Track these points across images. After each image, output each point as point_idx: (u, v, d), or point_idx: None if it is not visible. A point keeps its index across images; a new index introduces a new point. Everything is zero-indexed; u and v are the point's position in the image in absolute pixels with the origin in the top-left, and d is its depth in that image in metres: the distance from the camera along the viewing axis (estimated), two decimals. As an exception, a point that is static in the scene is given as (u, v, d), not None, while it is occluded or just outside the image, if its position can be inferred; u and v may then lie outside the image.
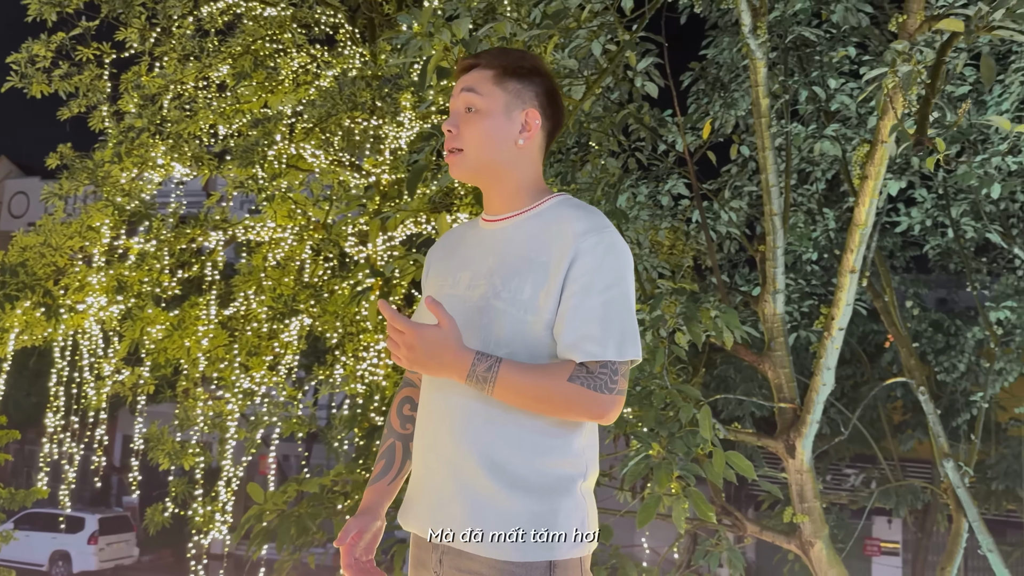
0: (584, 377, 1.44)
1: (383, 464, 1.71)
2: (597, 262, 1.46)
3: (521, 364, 1.45)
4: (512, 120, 1.57)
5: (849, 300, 3.59)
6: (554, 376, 1.44)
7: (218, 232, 6.93)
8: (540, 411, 1.46)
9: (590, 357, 1.44)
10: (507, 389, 1.43)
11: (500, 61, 1.60)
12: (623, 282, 1.49)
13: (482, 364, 1.43)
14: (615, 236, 1.50)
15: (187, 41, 7.02)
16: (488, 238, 1.61)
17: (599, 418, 1.47)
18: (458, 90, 1.61)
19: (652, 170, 5.16)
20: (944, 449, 4.78)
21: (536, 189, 1.61)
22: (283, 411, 6.64)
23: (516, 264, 1.52)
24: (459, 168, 1.59)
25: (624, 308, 1.48)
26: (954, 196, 6.09)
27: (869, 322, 8.54)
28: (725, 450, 2.80)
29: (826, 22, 5.09)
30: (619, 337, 1.46)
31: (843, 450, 9.92)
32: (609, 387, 1.45)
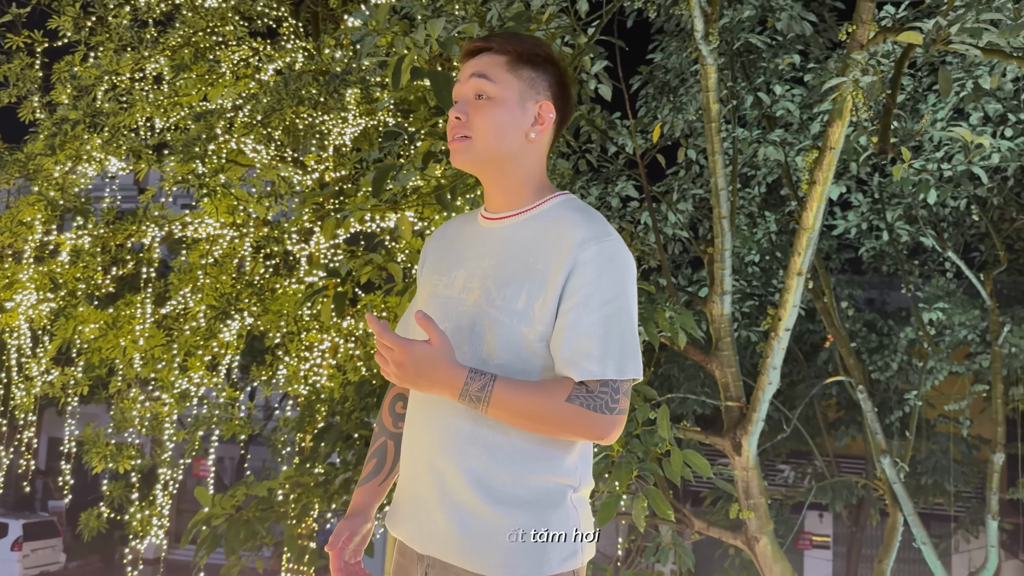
0: (584, 397, 1.36)
1: (374, 464, 1.65)
2: (597, 273, 1.38)
3: (517, 382, 1.37)
4: (526, 111, 1.48)
5: (796, 302, 3.68)
6: (552, 396, 1.36)
7: (154, 228, 6.73)
8: (537, 431, 1.39)
9: (588, 376, 1.37)
10: (502, 409, 1.36)
11: (514, 47, 1.49)
12: (624, 295, 1.41)
13: (475, 383, 1.35)
14: (617, 245, 1.41)
15: (123, 31, 6.80)
16: (486, 237, 1.52)
17: (600, 439, 1.40)
18: (467, 75, 1.50)
19: (602, 172, 5.21)
20: (881, 446, 4.94)
21: (539, 186, 1.52)
22: (224, 412, 6.49)
23: (512, 270, 1.44)
24: (465, 156, 1.48)
25: (625, 323, 1.40)
26: (888, 201, 6.30)
27: (805, 321, 8.78)
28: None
29: (771, 29, 5.21)
30: (619, 355, 1.38)
31: (779, 446, 10.17)
32: (610, 407, 1.37)
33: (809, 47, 5.39)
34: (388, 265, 3.07)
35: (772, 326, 3.87)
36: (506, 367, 1.41)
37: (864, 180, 6.30)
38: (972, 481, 10.12)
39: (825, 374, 8.61)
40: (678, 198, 5.48)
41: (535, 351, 1.41)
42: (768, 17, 4.99)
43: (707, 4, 3.73)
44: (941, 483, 9.02)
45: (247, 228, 6.85)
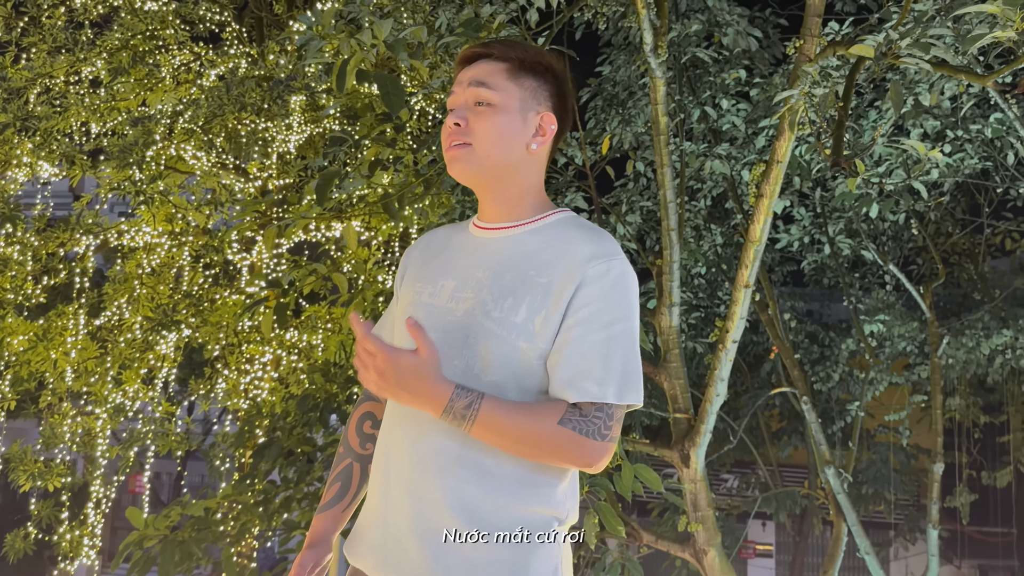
0: (577, 420, 1.29)
1: (338, 488, 1.54)
2: (605, 292, 1.31)
3: (505, 402, 1.29)
4: (527, 122, 1.42)
5: (743, 314, 3.70)
6: (543, 418, 1.29)
7: (88, 236, 6.50)
8: (523, 455, 1.31)
9: (587, 397, 1.30)
10: (488, 429, 1.27)
11: (516, 54, 1.43)
12: (630, 317, 1.34)
13: (461, 400, 1.26)
14: (625, 265, 1.35)
15: (58, 32, 6.57)
16: (480, 247, 1.44)
17: (587, 466, 1.31)
18: (464, 82, 1.43)
19: (552, 183, 5.19)
20: (825, 456, 4.99)
21: (539, 200, 1.46)
22: (159, 428, 6.27)
23: (512, 282, 1.36)
24: (465, 164, 1.40)
25: (629, 346, 1.33)
26: (830, 215, 6.42)
27: (749, 333, 8.89)
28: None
29: (717, 44, 5.27)
30: (621, 378, 1.31)
31: (724, 456, 10.28)
32: (602, 433, 1.29)
33: (754, 62, 5.47)
34: (333, 275, 2.98)
35: (720, 338, 3.88)
36: (500, 385, 1.33)
37: (806, 195, 6.41)
38: (910, 490, 10.36)
39: (769, 385, 8.73)
40: (627, 210, 5.49)
41: (532, 369, 1.34)
42: (715, 32, 5.05)
43: (656, 18, 3.73)
44: (881, 492, 9.21)
45: (186, 237, 6.66)
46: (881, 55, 2.13)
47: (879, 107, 4.90)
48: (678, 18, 4.97)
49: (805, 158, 4.16)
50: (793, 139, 3.06)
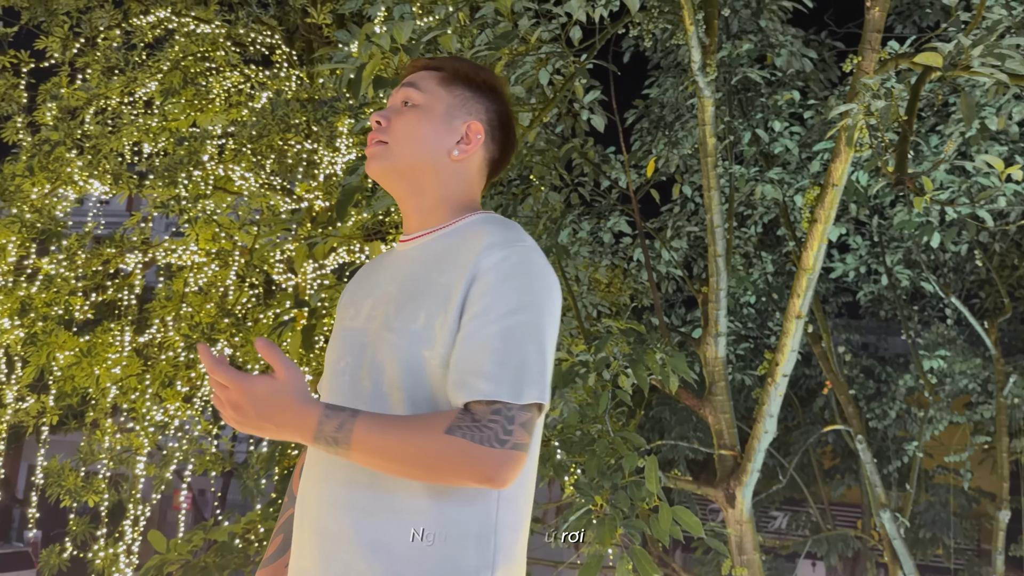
0: (468, 427, 1.11)
1: (280, 540, 1.42)
2: (500, 281, 1.18)
3: (384, 417, 1.14)
4: (451, 128, 1.35)
5: (794, 346, 3.49)
6: (427, 430, 1.12)
7: (136, 254, 6.56)
8: (414, 477, 1.14)
9: (478, 395, 1.13)
10: (366, 452, 1.12)
11: (453, 65, 1.40)
12: (533, 308, 1.18)
13: (331, 422, 1.11)
14: (530, 252, 1.22)
15: (112, 53, 6.68)
16: (397, 261, 1.35)
17: (488, 481, 1.11)
18: (399, 86, 1.40)
19: (594, 206, 5.05)
20: (881, 499, 4.72)
21: (459, 206, 1.35)
22: (196, 447, 6.24)
23: (413, 288, 1.25)
24: (379, 162, 1.34)
25: (530, 339, 1.16)
26: (887, 244, 6.15)
27: (801, 366, 8.59)
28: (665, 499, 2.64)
29: (770, 66, 5.09)
30: (517, 373, 1.14)
31: (773, 493, 9.92)
32: (500, 439, 1.11)
33: (809, 84, 5.28)
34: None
35: (769, 372, 3.68)
36: (413, 402, 1.19)
37: (863, 222, 6.16)
38: (971, 535, 9.85)
39: (821, 420, 8.39)
40: (672, 235, 5.32)
41: (442, 382, 1.19)
42: (767, 53, 4.88)
43: (705, 36, 3.59)
44: (940, 536, 8.76)
45: (232, 256, 6.67)
46: (950, 65, 1.95)
47: (941, 131, 4.67)
48: (729, 38, 4.82)
49: (862, 184, 3.96)
50: (850, 161, 2.88)
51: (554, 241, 4.20)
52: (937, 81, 3.21)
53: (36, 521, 6.96)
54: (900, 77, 2.63)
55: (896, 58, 2.32)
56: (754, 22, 5.00)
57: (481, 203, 1.41)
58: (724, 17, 4.97)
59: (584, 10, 2.69)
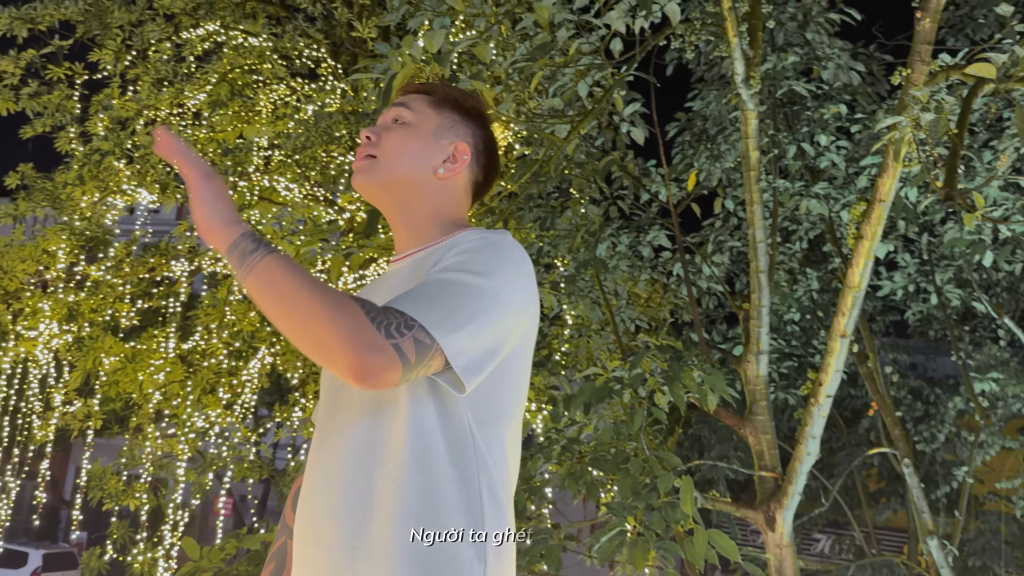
0: (370, 307, 1.10)
1: (272, 569, 1.41)
2: (465, 251, 1.20)
3: (303, 267, 1.13)
4: (439, 147, 1.39)
5: (839, 366, 3.40)
6: (333, 290, 1.10)
7: (182, 262, 6.67)
8: (292, 328, 1.09)
9: (394, 305, 1.12)
10: (264, 278, 1.10)
11: (444, 91, 1.45)
12: (490, 278, 1.17)
13: (251, 241, 1.13)
14: (510, 242, 1.25)
15: (162, 66, 6.82)
16: (388, 278, 1.36)
17: (357, 364, 1.06)
18: (391, 106, 1.45)
19: (634, 220, 5.00)
20: (928, 526, 4.56)
21: (449, 224, 1.37)
22: (235, 454, 6.30)
23: (401, 289, 1.23)
24: (365, 175, 1.37)
25: (471, 298, 1.15)
26: (937, 262, 5.99)
27: (846, 386, 8.38)
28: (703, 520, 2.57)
29: (816, 79, 5.00)
30: (440, 311, 1.12)
31: (816, 516, 9.68)
32: (391, 332, 1.07)
33: (856, 98, 5.17)
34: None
35: (812, 391, 3.59)
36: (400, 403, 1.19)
37: (912, 240, 6.00)
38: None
39: (867, 443, 8.18)
40: (713, 250, 5.24)
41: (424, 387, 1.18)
42: (814, 66, 4.79)
43: (749, 47, 3.53)
44: (990, 565, 8.46)
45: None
46: (1004, 77, 1.88)
47: (995, 147, 4.53)
48: (774, 49, 4.74)
49: (911, 200, 3.85)
50: (898, 177, 2.80)
51: (592, 254, 4.15)
52: (991, 95, 3.12)
53: (82, 522, 7.08)
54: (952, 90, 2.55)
55: (947, 70, 2.24)
56: (800, 35, 4.92)
57: (520, 216, 1.41)
58: (769, 30, 4.90)
59: (624, 21, 2.66)
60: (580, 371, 3.08)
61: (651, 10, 2.57)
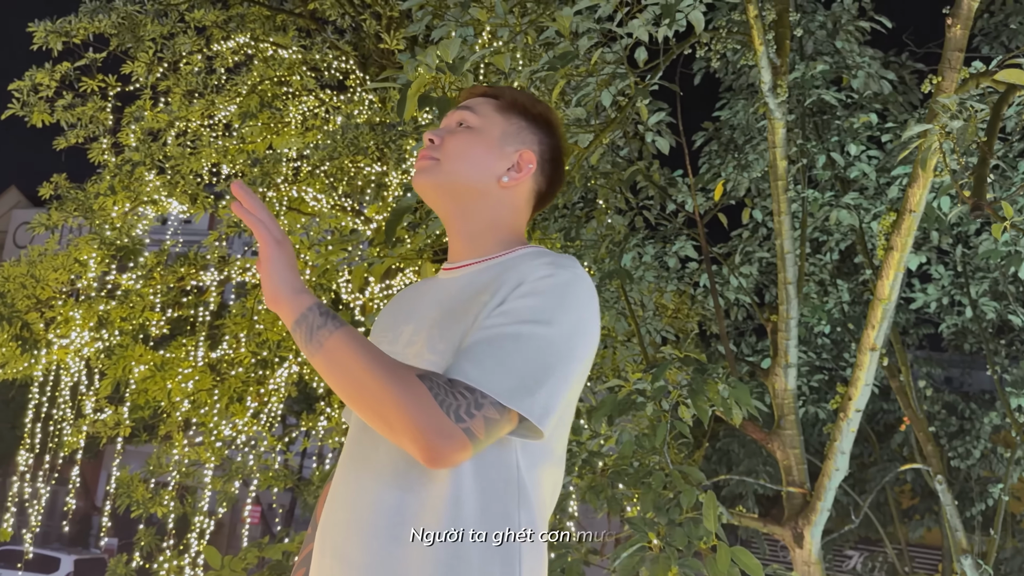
0: (438, 386, 1.07)
1: (302, 574, 1.37)
2: (536, 291, 1.15)
3: (366, 340, 1.11)
4: (504, 154, 1.33)
5: (868, 380, 3.32)
6: (400, 366, 1.08)
7: (211, 271, 6.74)
8: (361, 406, 1.09)
9: (460, 377, 1.09)
10: (333, 355, 1.08)
11: (512, 95, 1.39)
12: (560, 327, 1.13)
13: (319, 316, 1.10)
14: (578, 278, 1.19)
15: (193, 78, 6.92)
16: (441, 288, 1.31)
17: (426, 450, 1.05)
18: (455, 109, 1.39)
19: (660, 230, 4.95)
20: (962, 545, 4.45)
21: (508, 237, 1.33)
22: (261, 463, 6.33)
23: (459, 312, 1.21)
24: (427, 176, 1.32)
25: (543, 354, 1.11)
26: (972, 274, 5.86)
27: (879, 400, 8.23)
28: (729, 537, 2.52)
29: (846, 88, 4.93)
30: (512, 377, 1.09)
31: (847, 532, 9.51)
32: (460, 415, 1.06)
33: (888, 108, 5.08)
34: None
35: (841, 406, 3.51)
36: None
37: (946, 251, 5.88)
38: (1064, 585, 9.23)
39: (900, 458, 8.02)
40: (742, 261, 5.17)
41: None
42: (844, 74, 4.72)
43: (776, 56, 3.49)
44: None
45: (303, 275, 6.79)
46: (1037, 82, 1.83)
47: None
48: (802, 57, 4.68)
49: (943, 210, 3.76)
50: (928, 186, 2.74)
51: (617, 265, 4.12)
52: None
53: (114, 529, 7.14)
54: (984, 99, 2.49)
55: (976, 76, 2.19)
56: (830, 43, 4.85)
57: (545, 226, 1.39)
58: (798, 38, 4.84)
59: (647, 30, 2.63)
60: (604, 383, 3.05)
61: (674, 18, 2.54)
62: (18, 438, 7.67)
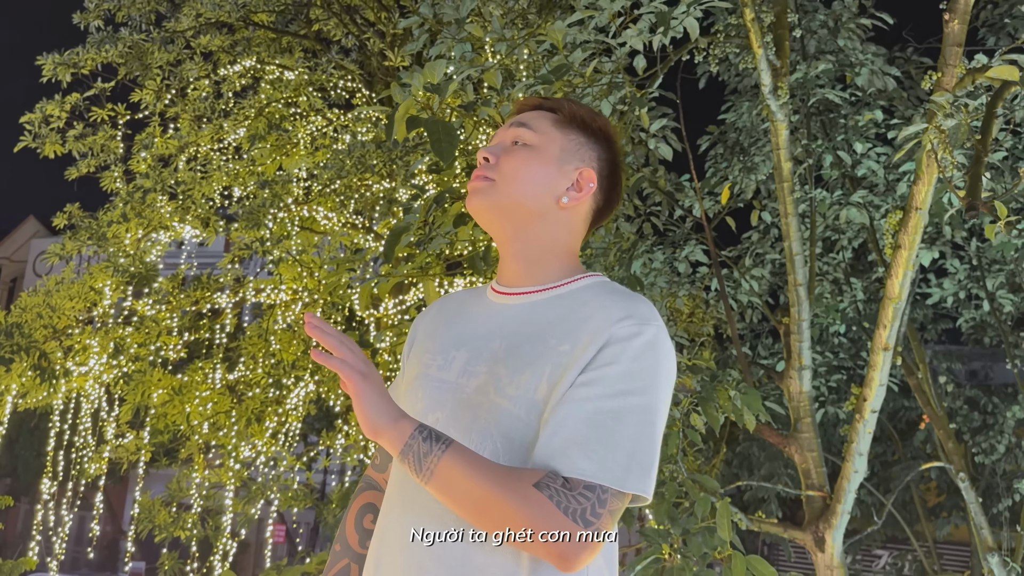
0: (557, 491, 1.03)
1: None
2: (628, 357, 1.10)
3: (474, 454, 1.07)
4: (563, 172, 1.27)
5: (882, 380, 3.29)
6: (514, 480, 1.04)
7: (227, 294, 6.78)
8: (484, 526, 1.06)
9: (577, 473, 1.05)
10: (446, 481, 1.05)
11: (570, 108, 1.32)
12: (653, 392, 1.11)
13: (423, 442, 1.06)
14: (660, 333, 1.14)
15: (201, 103, 6.98)
16: (496, 314, 1.26)
17: (561, 559, 1.03)
18: (509, 124, 1.32)
19: (668, 236, 4.94)
20: (988, 542, 4.39)
21: (567, 264, 1.27)
22: (281, 483, 6.34)
23: (530, 353, 1.16)
24: (483, 198, 1.26)
25: (645, 426, 1.08)
26: (988, 267, 5.80)
27: (900, 398, 8.14)
28: (753, 542, 2.50)
29: (851, 85, 4.90)
30: (626, 460, 1.06)
31: (874, 532, 9.39)
32: (587, 518, 1.03)
33: (894, 104, 5.05)
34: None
35: (857, 407, 3.48)
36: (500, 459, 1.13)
37: (960, 245, 5.82)
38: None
39: (923, 455, 7.92)
40: (753, 263, 5.14)
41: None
42: (847, 72, 4.69)
43: (776, 58, 3.48)
44: (1060, 581, 8.09)
45: (318, 293, 6.82)
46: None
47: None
48: (805, 58, 4.66)
49: (954, 205, 3.73)
50: (934, 182, 2.71)
51: (627, 272, 4.10)
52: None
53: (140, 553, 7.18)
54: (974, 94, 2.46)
55: (972, 73, 2.16)
56: (832, 41, 4.83)
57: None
58: (800, 38, 4.83)
59: (641, 39, 2.63)
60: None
61: (669, 26, 2.53)
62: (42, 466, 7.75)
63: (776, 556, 11.02)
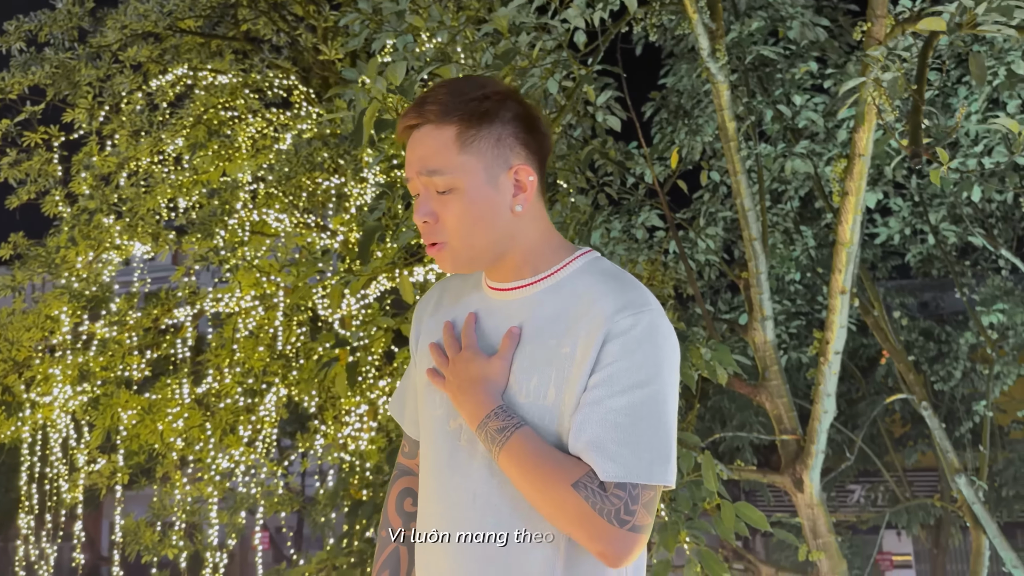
0: (592, 491, 1.11)
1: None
2: (629, 350, 1.15)
3: (541, 441, 1.15)
4: (500, 187, 1.22)
5: (842, 322, 3.42)
6: (558, 475, 1.13)
7: (185, 307, 6.69)
8: (536, 505, 1.15)
9: (606, 477, 1.12)
10: (511, 462, 1.15)
11: (458, 112, 1.20)
12: (659, 379, 1.15)
13: (498, 420, 1.17)
14: (657, 317, 1.18)
15: (136, 117, 6.84)
16: (495, 312, 1.28)
17: (602, 557, 1.11)
18: (414, 170, 1.22)
19: (623, 204, 5.02)
20: (954, 464, 4.59)
21: (552, 249, 1.28)
22: (264, 489, 6.33)
23: (534, 357, 1.21)
24: (450, 264, 1.25)
25: (657, 414, 1.14)
26: (930, 202, 6.00)
27: (858, 336, 8.39)
28: (732, 491, 2.59)
29: (783, 39, 5.01)
30: (645, 454, 1.12)
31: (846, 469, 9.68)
32: (622, 518, 1.09)
33: (826, 53, 5.18)
34: (402, 327, 2.90)
35: (821, 350, 3.61)
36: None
37: (902, 184, 6.01)
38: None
39: (886, 389, 8.19)
40: (706, 223, 5.25)
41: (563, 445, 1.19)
42: (779, 27, 4.80)
43: (711, 21, 3.55)
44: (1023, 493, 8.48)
45: (276, 298, 6.77)
46: (955, 26, 1.89)
47: (969, 83, 4.54)
48: (738, 17, 4.75)
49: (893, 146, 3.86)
50: (873, 128, 2.82)
51: (587, 243, 4.18)
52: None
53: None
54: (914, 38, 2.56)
55: (901, 24, 2.26)
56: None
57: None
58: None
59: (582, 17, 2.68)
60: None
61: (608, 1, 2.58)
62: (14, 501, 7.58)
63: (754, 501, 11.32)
